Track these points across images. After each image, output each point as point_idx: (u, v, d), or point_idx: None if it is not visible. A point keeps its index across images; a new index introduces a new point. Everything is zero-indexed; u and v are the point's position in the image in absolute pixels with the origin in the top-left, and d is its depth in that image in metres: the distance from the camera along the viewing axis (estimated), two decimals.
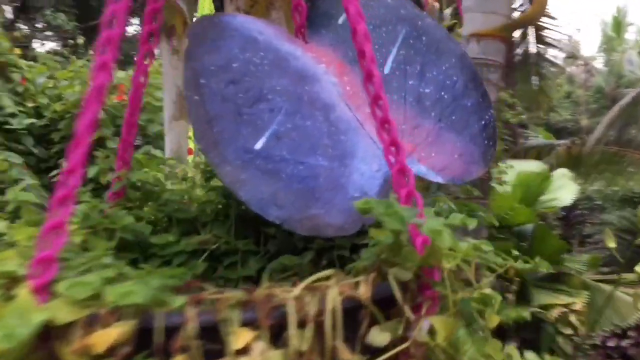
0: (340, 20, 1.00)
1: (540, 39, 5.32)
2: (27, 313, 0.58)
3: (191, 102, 0.90)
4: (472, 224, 0.82)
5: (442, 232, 0.64)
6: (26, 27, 9.70)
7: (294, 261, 0.89)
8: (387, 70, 0.97)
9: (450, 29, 2.93)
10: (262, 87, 0.92)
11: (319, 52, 0.98)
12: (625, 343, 4.26)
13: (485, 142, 0.95)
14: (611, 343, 4.26)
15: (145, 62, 0.96)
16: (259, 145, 0.89)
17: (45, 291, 0.60)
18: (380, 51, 0.98)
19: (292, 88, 0.93)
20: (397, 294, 0.66)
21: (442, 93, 0.97)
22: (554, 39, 5.35)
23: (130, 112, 0.96)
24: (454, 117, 0.96)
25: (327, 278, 0.66)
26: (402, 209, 0.66)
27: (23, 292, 0.59)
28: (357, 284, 0.64)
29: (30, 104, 5.02)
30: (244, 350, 0.58)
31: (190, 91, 0.91)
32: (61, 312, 0.58)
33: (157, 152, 2.66)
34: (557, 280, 4.18)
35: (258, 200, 0.87)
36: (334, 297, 0.62)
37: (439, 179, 0.91)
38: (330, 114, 0.92)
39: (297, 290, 0.61)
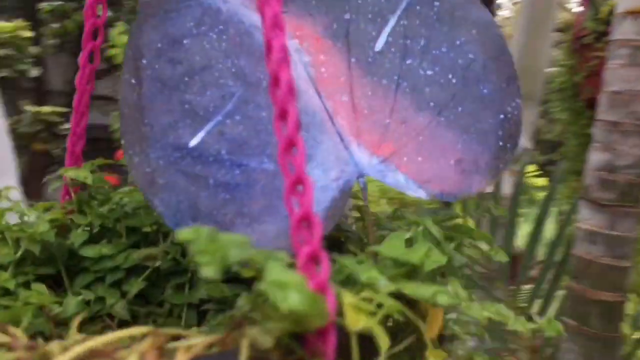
0: None
1: None
2: None
3: (125, 87, 0.74)
4: (434, 263, 0.57)
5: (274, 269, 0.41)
6: None
7: (225, 292, 0.70)
8: (379, 46, 0.74)
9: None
10: (214, 68, 0.73)
11: (294, 23, 0.77)
12: None
13: (500, 143, 0.68)
14: None
15: (91, 63, 0.81)
16: (195, 141, 0.70)
17: None
18: (374, 22, 0.75)
19: (251, 70, 0.73)
20: None
21: (450, 76, 0.72)
22: None
23: (76, 121, 0.82)
24: (460, 109, 0.70)
25: (142, 336, 0.46)
26: (231, 240, 0.44)
27: None
28: (174, 352, 0.44)
29: None
30: None
31: (128, 73, 0.75)
32: None
33: None
34: None
35: (174, 213, 0.68)
36: None
37: (420, 194, 0.66)
38: None
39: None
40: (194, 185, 0.68)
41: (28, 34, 5.32)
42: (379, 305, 0.52)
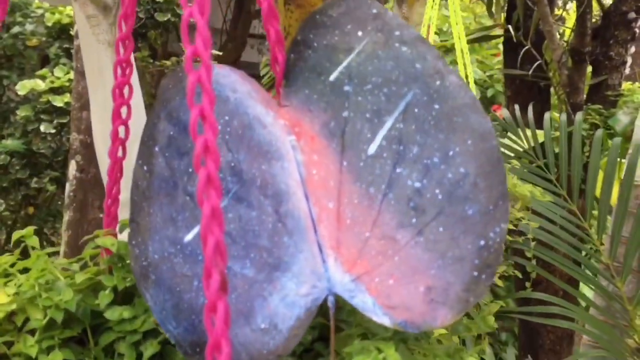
0: (333, 77, 0.77)
1: None
2: None
3: (138, 174, 0.80)
4: None
5: None
6: None
7: None
8: (372, 150, 0.73)
9: None
10: None
11: (294, 118, 0.77)
12: None
13: (475, 273, 0.66)
14: None
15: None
16: (190, 236, 0.75)
17: None
18: (371, 122, 0.74)
19: (247, 166, 0.75)
20: None
21: (437, 191, 0.69)
22: None
23: (110, 187, 0.88)
24: (441, 229, 0.68)
25: None
26: None
27: None
28: None
29: None
30: None
31: (142, 160, 0.80)
32: None
33: None
34: None
35: (161, 310, 0.74)
36: None
37: (384, 320, 0.66)
38: (281, 206, 0.73)
39: None
40: (179, 286, 0.73)
41: None
42: None
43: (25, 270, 0.89)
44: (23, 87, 4.30)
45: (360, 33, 0.76)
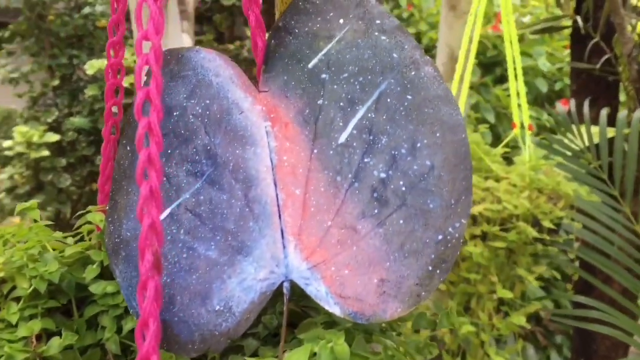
0: (311, 64, 0.76)
1: None
2: None
3: (122, 152, 0.81)
4: None
5: None
6: None
7: None
8: (343, 138, 0.72)
9: None
10: (194, 143, 0.77)
11: (271, 104, 0.77)
12: None
13: (429, 267, 0.64)
14: None
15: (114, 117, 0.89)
16: (162, 215, 0.76)
17: None
18: (344, 110, 0.73)
19: (222, 150, 0.76)
20: None
21: (401, 183, 0.68)
22: None
23: (104, 165, 0.91)
24: (402, 222, 0.67)
25: None
26: None
27: None
28: None
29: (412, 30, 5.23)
30: None
31: (126, 139, 0.82)
32: None
33: None
34: None
35: (127, 287, 0.76)
36: None
37: (335, 310, 0.66)
38: (250, 191, 0.73)
39: None
40: None
41: None
42: None
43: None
44: (91, 66, 4.43)
45: (341, 21, 0.75)
